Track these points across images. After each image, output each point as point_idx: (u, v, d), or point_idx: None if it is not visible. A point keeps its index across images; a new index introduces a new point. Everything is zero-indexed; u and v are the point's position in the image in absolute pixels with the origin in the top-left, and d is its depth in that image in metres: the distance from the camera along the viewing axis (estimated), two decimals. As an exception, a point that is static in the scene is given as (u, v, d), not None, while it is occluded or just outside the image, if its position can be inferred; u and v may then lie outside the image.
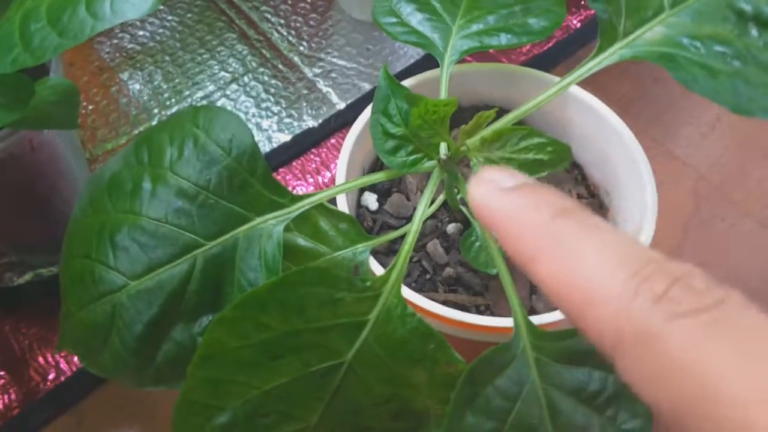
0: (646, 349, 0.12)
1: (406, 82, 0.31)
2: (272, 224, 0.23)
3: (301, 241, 0.26)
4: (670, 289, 0.13)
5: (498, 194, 0.15)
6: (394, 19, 0.30)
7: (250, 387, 0.21)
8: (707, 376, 0.12)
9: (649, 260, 0.13)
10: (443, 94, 0.28)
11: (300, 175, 0.45)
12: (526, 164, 0.22)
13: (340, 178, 0.28)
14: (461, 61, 0.30)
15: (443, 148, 0.24)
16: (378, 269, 0.27)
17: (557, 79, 0.28)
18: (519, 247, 0.14)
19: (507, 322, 0.26)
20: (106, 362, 0.24)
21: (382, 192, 0.33)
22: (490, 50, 0.49)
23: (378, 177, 0.25)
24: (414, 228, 0.23)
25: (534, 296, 0.30)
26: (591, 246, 0.13)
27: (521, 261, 0.14)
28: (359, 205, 0.32)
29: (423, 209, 0.23)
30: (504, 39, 0.29)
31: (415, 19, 0.29)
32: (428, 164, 0.24)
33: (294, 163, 0.46)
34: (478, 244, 0.28)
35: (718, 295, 0.13)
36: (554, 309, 0.27)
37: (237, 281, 0.23)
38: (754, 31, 0.22)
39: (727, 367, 0.11)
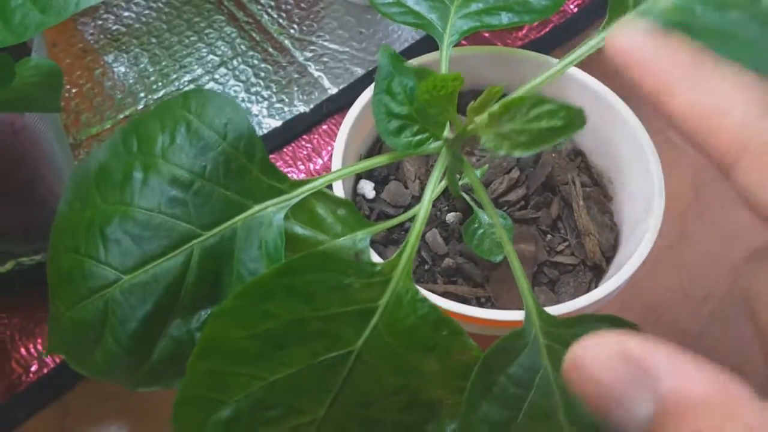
0: (766, 156, 0.15)
1: (405, 65, 0.30)
2: (272, 212, 0.22)
3: (298, 229, 0.25)
4: None
5: (642, 38, 0.18)
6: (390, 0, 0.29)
7: (255, 378, 0.20)
8: None
9: None
10: (445, 75, 0.27)
11: (291, 162, 0.44)
12: (540, 133, 0.21)
13: (337, 164, 0.27)
14: (458, 44, 0.29)
15: (449, 127, 0.24)
16: (376, 260, 0.26)
17: (557, 61, 0.28)
18: (655, 80, 0.17)
19: (513, 315, 0.25)
20: (98, 363, 0.23)
21: (379, 180, 0.32)
22: (486, 35, 0.49)
23: (379, 160, 0.24)
24: (424, 208, 0.22)
25: (536, 288, 0.29)
26: (723, 80, 0.16)
27: (654, 92, 0.17)
28: (355, 194, 0.31)
29: (432, 188, 0.22)
30: (505, 18, 0.28)
31: (412, -2, 0.28)
32: (434, 145, 0.23)
33: (285, 150, 0.45)
34: (481, 231, 0.28)
35: None
36: (557, 303, 0.26)
37: (237, 272, 0.22)
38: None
39: None
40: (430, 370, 0.20)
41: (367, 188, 0.31)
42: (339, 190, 0.27)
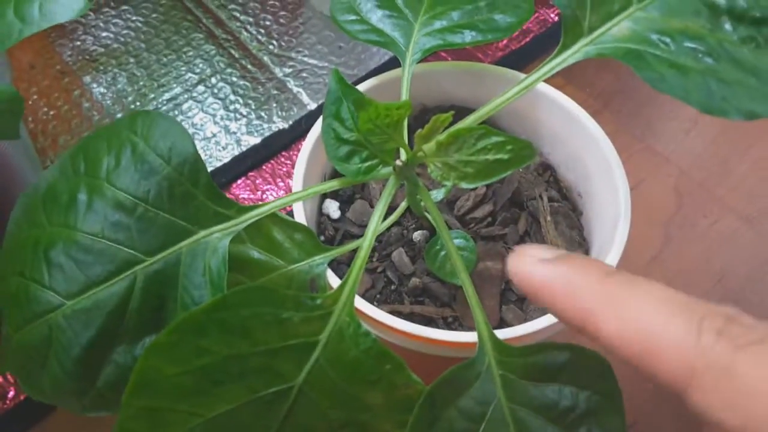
0: (720, 378, 0.14)
1: (368, 83, 0.30)
2: (217, 238, 0.22)
3: (255, 254, 0.24)
4: (726, 326, 0.14)
5: (541, 265, 0.16)
6: (353, 17, 0.28)
7: (193, 415, 0.19)
8: None
9: (695, 303, 0.15)
10: (404, 95, 0.27)
11: (270, 180, 0.44)
12: (487, 166, 0.20)
13: (297, 186, 0.27)
14: (427, 58, 0.28)
15: (402, 153, 0.23)
16: (336, 282, 0.25)
17: (524, 76, 0.27)
18: (574, 308, 0.16)
19: (474, 336, 0.24)
20: (46, 387, 0.22)
21: (345, 199, 0.31)
22: (466, 46, 0.48)
23: (333, 184, 0.24)
24: (366, 243, 0.22)
25: (504, 307, 0.28)
26: (642, 298, 0.15)
27: (578, 320, 0.16)
28: (321, 213, 0.31)
29: (376, 224, 0.22)
30: (468, 36, 0.28)
31: (376, 16, 0.28)
32: (385, 171, 0.23)
33: (264, 167, 0.44)
34: (443, 253, 0.27)
35: (766, 328, 0.14)
36: (525, 321, 0.26)
37: (181, 300, 0.21)
38: (727, 26, 0.21)
39: None
40: (375, 404, 0.20)
41: (332, 208, 0.31)
42: (299, 213, 0.27)
